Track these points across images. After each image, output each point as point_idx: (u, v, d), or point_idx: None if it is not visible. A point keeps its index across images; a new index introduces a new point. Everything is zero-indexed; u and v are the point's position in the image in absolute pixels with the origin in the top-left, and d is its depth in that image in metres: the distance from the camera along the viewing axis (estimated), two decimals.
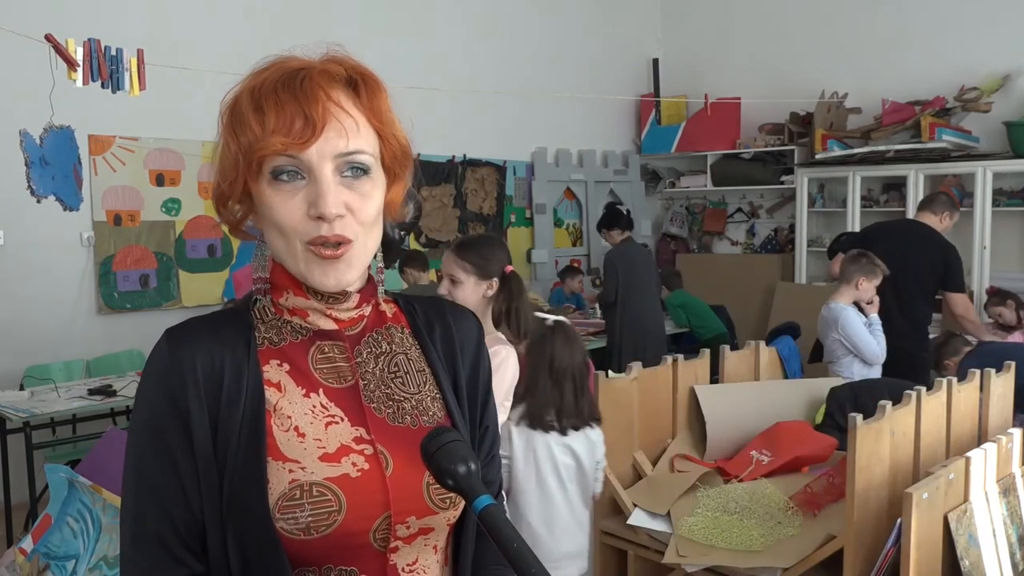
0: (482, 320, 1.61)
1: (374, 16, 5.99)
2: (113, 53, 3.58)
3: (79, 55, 3.48)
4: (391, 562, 0.91)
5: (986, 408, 2.69)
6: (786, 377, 3.44)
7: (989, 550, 2.17)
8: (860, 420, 2.07)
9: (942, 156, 6.15)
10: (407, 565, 0.93)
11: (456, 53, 6.51)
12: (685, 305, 6.14)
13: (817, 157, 6.68)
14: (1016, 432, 2.39)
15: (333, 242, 0.88)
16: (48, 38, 3.44)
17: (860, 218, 6.55)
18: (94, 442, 3.17)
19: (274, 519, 0.85)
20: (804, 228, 6.99)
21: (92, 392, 3.96)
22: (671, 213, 8.25)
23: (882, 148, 6.39)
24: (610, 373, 2.63)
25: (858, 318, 3.73)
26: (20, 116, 4.50)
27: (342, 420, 0.92)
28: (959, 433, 2.55)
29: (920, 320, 4.25)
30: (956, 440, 2.53)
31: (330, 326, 0.96)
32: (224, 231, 0.98)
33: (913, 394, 2.32)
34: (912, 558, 1.95)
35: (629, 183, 7.91)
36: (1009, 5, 6.14)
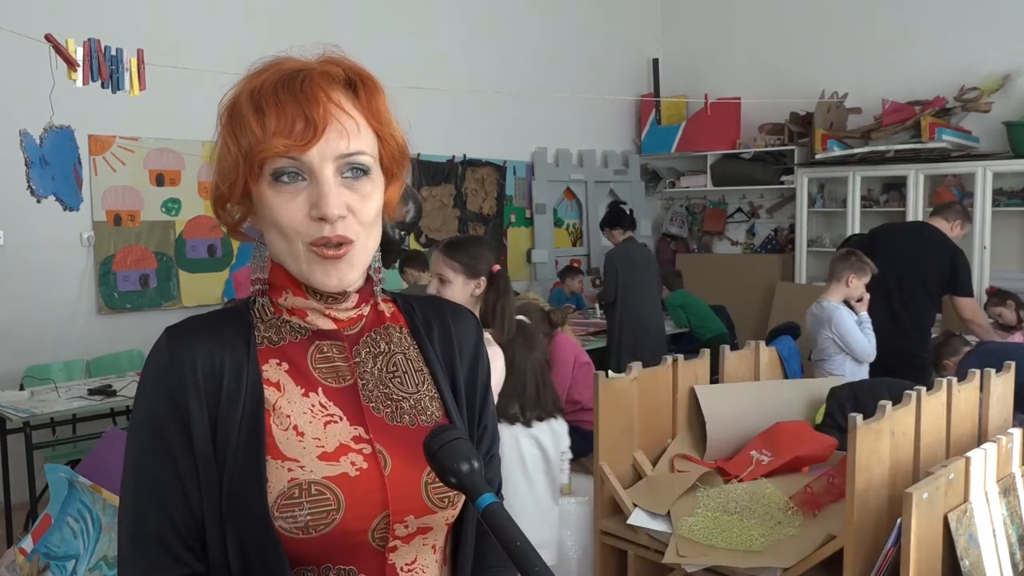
0: None
1: (374, 16, 5.99)
2: (113, 53, 3.58)
3: (79, 55, 3.49)
4: (390, 561, 0.91)
5: (986, 408, 2.69)
6: (786, 377, 3.43)
7: (989, 550, 2.17)
8: (860, 420, 2.07)
9: (942, 156, 6.15)
10: (406, 564, 0.93)
11: (456, 53, 6.50)
12: (685, 305, 6.13)
13: (817, 157, 6.67)
14: (1016, 432, 2.39)
15: (335, 243, 0.88)
16: (48, 38, 3.44)
17: (860, 218, 6.56)
18: (94, 442, 3.17)
19: (273, 518, 0.85)
20: (804, 228, 6.99)
21: (92, 392, 3.96)
22: (671, 213, 8.25)
23: (882, 148, 6.38)
24: (610, 373, 2.63)
25: (850, 316, 3.74)
26: (20, 116, 4.50)
27: (341, 419, 0.93)
28: (959, 433, 2.55)
29: (924, 321, 4.25)
30: (956, 440, 2.53)
31: (329, 326, 0.97)
32: (223, 232, 0.98)
33: (913, 394, 2.32)
34: (912, 558, 1.95)
35: (629, 183, 7.91)
36: (1009, 5, 6.14)
